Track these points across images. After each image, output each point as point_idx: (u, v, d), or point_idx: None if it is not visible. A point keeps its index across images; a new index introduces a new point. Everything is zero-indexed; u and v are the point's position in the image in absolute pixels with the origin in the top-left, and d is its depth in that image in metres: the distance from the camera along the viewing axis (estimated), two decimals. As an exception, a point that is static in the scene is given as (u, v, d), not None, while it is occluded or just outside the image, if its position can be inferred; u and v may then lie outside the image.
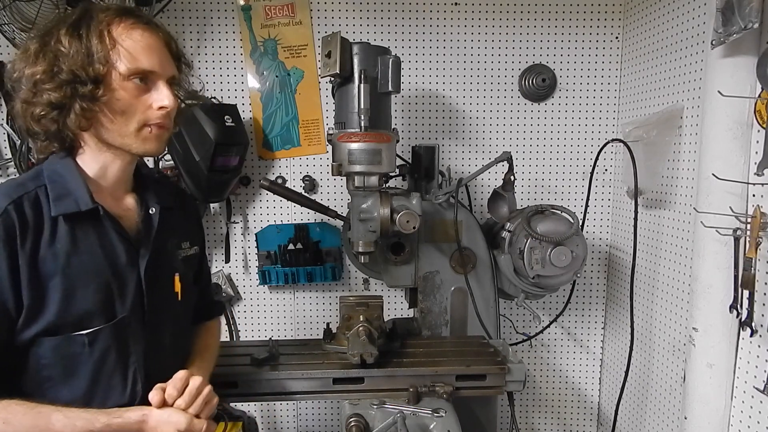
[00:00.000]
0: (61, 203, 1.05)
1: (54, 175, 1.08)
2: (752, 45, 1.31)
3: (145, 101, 1.07)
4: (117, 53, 1.03)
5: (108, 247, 1.09)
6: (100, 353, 1.07)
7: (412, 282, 1.81)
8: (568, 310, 2.11)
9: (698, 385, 1.47)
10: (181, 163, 1.91)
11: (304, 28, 2.09)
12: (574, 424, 2.38)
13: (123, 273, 1.10)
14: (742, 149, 1.34)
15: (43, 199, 1.05)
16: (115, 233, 1.10)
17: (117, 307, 1.09)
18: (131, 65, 1.04)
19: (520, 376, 1.50)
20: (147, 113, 1.07)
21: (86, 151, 1.11)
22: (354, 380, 1.47)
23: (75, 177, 1.08)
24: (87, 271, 1.05)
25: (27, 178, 1.09)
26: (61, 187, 1.06)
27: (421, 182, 1.85)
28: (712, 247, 1.40)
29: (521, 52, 2.13)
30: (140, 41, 1.05)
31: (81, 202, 1.05)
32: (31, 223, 1.02)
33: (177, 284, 1.21)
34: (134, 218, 1.16)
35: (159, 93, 1.07)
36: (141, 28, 1.06)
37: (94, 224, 1.08)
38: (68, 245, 1.04)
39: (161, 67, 1.08)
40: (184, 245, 1.28)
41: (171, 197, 1.27)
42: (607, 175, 2.20)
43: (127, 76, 1.04)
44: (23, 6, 1.70)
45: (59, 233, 1.04)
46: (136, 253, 1.12)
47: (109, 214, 1.09)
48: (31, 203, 1.03)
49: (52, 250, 1.03)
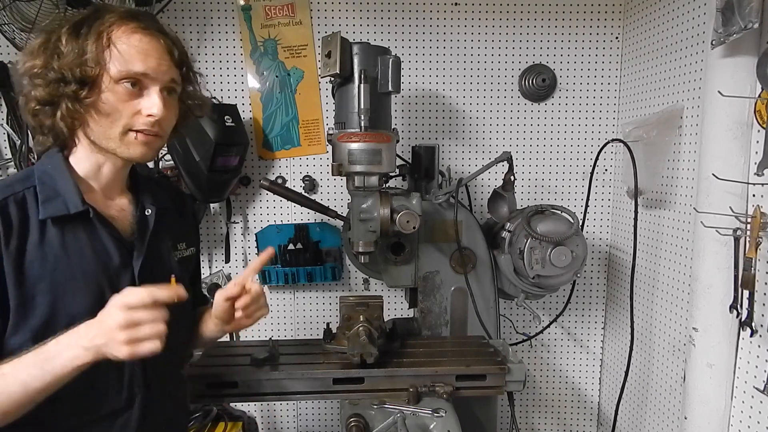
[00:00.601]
0: (50, 205, 1.03)
1: (44, 176, 1.06)
2: (752, 45, 1.31)
3: (134, 106, 1.05)
4: (111, 55, 1.01)
5: (99, 248, 1.07)
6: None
7: (412, 282, 1.81)
8: (568, 310, 2.11)
9: (698, 385, 1.47)
10: (181, 163, 1.91)
11: (304, 28, 2.09)
12: (574, 424, 2.38)
13: (116, 275, 1.08)
14: (742, 149, 1.34)
15: (31, 200, 1.03)
16: (107, 235, 1.08)
17: None
18: (122, 68, 1.02)
19: (520, 376, 1.50)
20: (133, 118, 1.05)
21: (80, 149, 1.10)
22: (354, 380, 1.47)
23: (65, 177, 1.06)
24: (77, 274, 1.03)
25: (15, 179, 1.08)
26: (50, 189, 1.05)
27: (421, 182, 1.85)
28: (712, 247, 1.40)
29: (521, 52, 2.13)
30: (137, 45, 1.03)
31: (70, 204, 1.04)
32: (15, 225, 1.00)
33: (173, 286, 1.20)
34: (128, 219, 1.15)
35: (149, 100, 1.05)
36: (141, 32, 1.04)
37: (85, 226, 1.06)
38: (57, 248, 1.02)
39: (155, 71, 1.05)
40: (180, 246, 1.26)
41: (168, 198, 1.26)
42: (607, 175, 2.20)
43: (118, 79, 1.02)
44: (23, 6, 1.70)
45: (48, 235, 1.02)
46: (129, 255, 1.11)
47: (100, 216, 1.08)
48: (17, 205, 1.02)
49: (41, 253, 1.01)
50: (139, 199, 1.18)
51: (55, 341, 0.94)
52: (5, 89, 1.97)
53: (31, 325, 1.00)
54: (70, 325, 1.01)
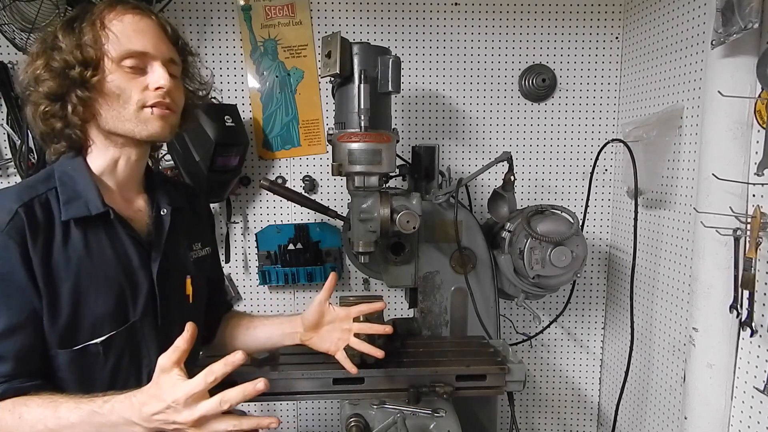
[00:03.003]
0: (72, 207, 1.03)
1: (64, 176, 1.07)
2: (752, 45, 1.31)
3: (141, 83, 1.05)
4: (108, 39, 1.02)
5: (120, 250, 1.08)
6: (114, 360, 1.06)
7: (412, 282, 1.81)
8: (568, 310, 2.11)
9: (698, 385, 1.47)
10: (181, 163, 1.91)
11: (304, 28, 2.09)
12: (574, 424, 2.38)
13: (135, 276, 1.09)
14: (742, 149, 1.34)
15: (54, 202, 1.04)
16: (126, 236, 1.09)
17: (129, 311, 1.08)
18: (121, 48, 1.03)
19: (520, 376, 1.50)
20: (144, 94, 1.05)
21: (94, 149, 1.10)
22: (354, 380, 1.46)
23: (85, 178, 1.07)
24: (99, 276, 1.04)
25: (37, 180, 1.08)
26: (71, 190, 1.05)
27: (421, 182, 1.85)
28: (712, 247, 1.39)
29: (521, 52, 2.13)
30: (131, 25, 1.05)
31: (92, 206, 1.04)
32: (42, 226, 1.01)
33: (188, 287, 1.20)
34: (145, 220, 1.15)
35: (154, 74, 1.05)
36: (132, 12, 1.06)
37: (106, 227, 1.07)
38: (81, 249, 1.03)
39: (155, 48, 1.06)
40: (196, 246, 1.27)
41: (182, 197, 1.26)
42: (607, 175, 2.20)
43: (119, 59, 1.03)
44: (23, 6, 1.70)
45: (72, 237, 1.03)
46: (147, 256, 1.11)
47: (120, 217, 1.08)
48: (42, 206, 1.02)
49: (65, 255, 1.02)
50: (155, 198, 1.18)
51: (110, 407, 0.93)
52: (5, 89, 1.97)
53: (57, 326, 1.01)
54: (93, 327, 1.03)
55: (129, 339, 1.08)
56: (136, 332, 1.09)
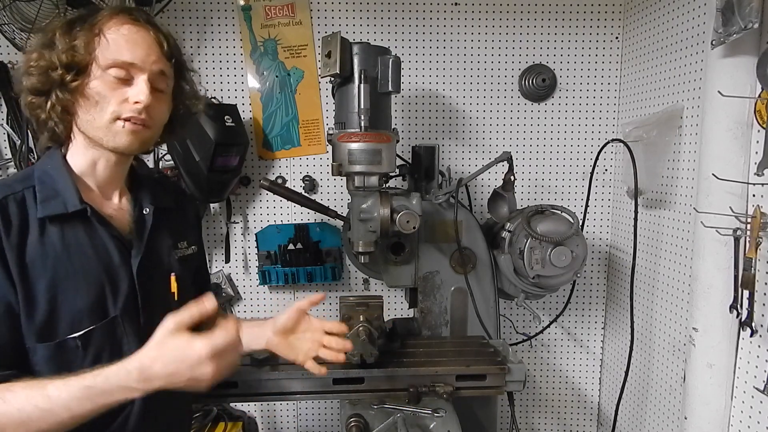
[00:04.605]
0: (48, 204, 1.05)
1: (44, 175, 1.08)
2: (752, 45, 1.31)
3: (122, 94, 1.06)
4: (100, 44, 1.04)
5: (100, 247, 1.08)
6: (93, 355, 1.06)
7: (412, 282, 1.81)
8: (568, 310, 2.11)
9: (698, 385, 1.47)
10: (181, 163, 1.91)
11: (304, 28, 2.09)
12: (574, 424, 2.38)
13: (115, 272, 1.10)
14: (742, 149, 1.34)
15: (30, 200, 1.05)
16: (106, 234, 1.09)
17: (109, 306, 1.08)
18: (110, 56, 1.04)
19: (520, 376, 1.50)
20: (121, 106, 1.06)
21: (75, 145, 1.11)
22: (354, 380, 1.47)
23: (64, 177, 1.08)
24: (78, 272, 1.05)
25: (15, 179, 1.10)
26: (50, 188, 1.06)
27: (421, 182, 1.85)
28: (712, 247, 1.40)
29: (521, 52, 2.13)
30: (126, 35, 1.05)
31: (69, 204, 1.05)
32: (15, 224, 1.02)
33: (173, 284, 1.20)
34: (127, 218, 1.16)
35: (136, 88, 1.06)
36: (131, 23, 1.07)
37: (85, 225, 1.08)
38: (58, 246, 1.04)
39: (142, 60, 1.06)
40: (181, 245, 1.27)
41: (169, 197, 1.26)
42: (607, 175, 2.20)
43: (106, 67, 1.04)
44: (23, 6, 1.70)
45: (48, 234, 1.04)
46: (128, 253, 1.12)
47: (98, 214, 1.09)
48: (17, 204, 1.03)
49: (42, 251, 1.02)
50: (138, 198, 1.19)
51: (104, 378, 0.95)
52: (5, 89, 1.97)
53: (35, 321, 1.01)
54: (72, 322, 1.03)
55: (109, 334, 1.08)
56: (116, 328, 1.09)
